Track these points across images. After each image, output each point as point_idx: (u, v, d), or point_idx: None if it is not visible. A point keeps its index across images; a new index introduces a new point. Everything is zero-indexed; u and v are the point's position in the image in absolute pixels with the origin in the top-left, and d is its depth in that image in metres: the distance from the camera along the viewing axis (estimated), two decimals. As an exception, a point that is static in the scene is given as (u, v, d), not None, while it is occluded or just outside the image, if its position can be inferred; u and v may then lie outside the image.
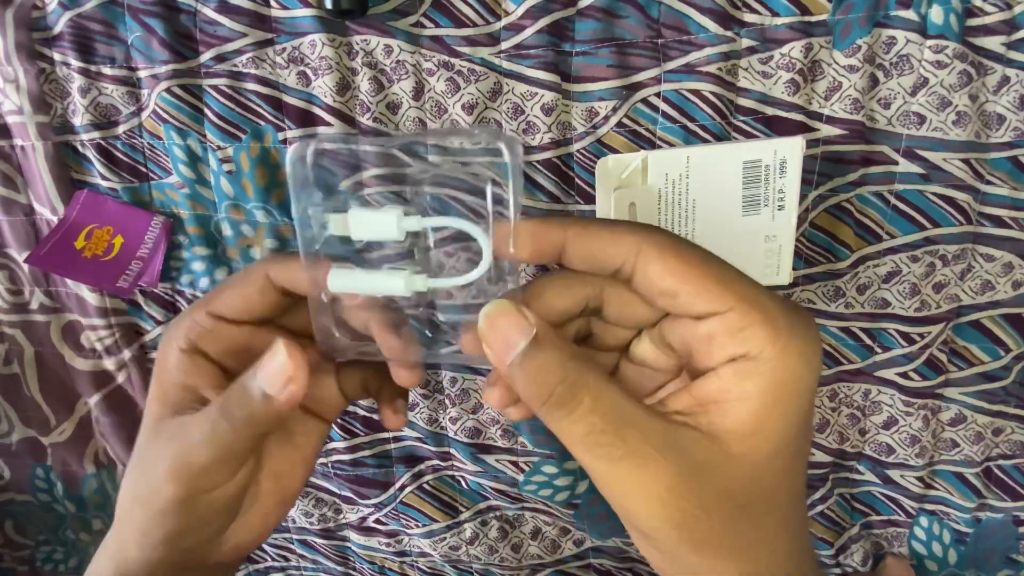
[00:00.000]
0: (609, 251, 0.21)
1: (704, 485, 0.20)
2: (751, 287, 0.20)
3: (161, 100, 0.34)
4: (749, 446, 0.20)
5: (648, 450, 0.19)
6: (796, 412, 0.20)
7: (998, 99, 0.32)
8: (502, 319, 0.21)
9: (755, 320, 0.19)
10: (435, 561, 0.44)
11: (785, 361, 0.19)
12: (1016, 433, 0.37)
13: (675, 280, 0.20)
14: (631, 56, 0.33)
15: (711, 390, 0.20)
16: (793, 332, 0.20)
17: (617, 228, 0.21)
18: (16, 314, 0.40)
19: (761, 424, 0.20)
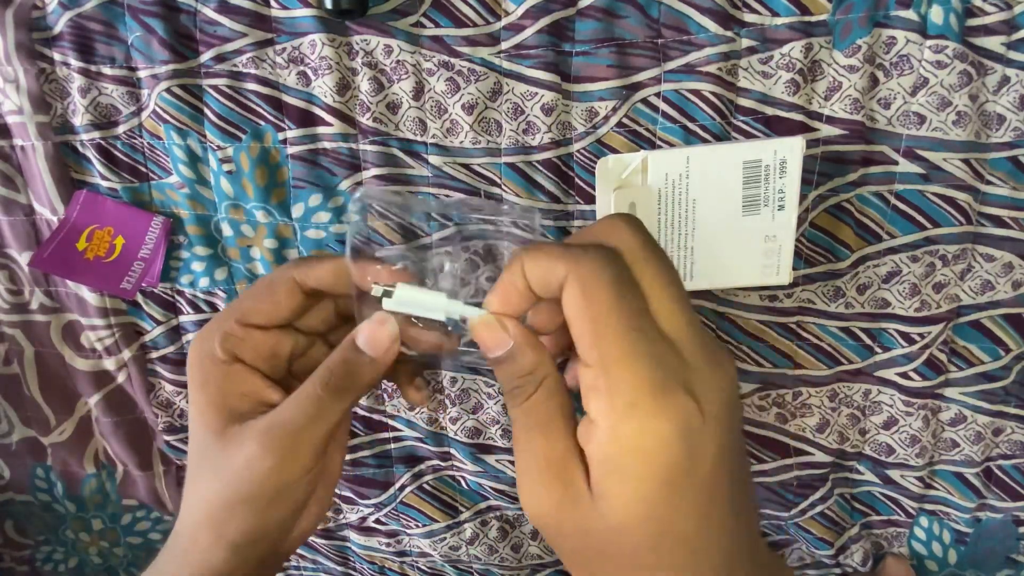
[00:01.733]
0: (547, 277, 0.22)
1: (568, 516, 0.21)
2: (622, 350, 0.20)
3: (161, 100, 0.34)
4: (603, 508, 0.21)
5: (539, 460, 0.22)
6: (640, 493, 0.20)
7: (998, 99, 0.32)
8: (483, 330, 0.23)
9: (601, 386, 0.20)
10: (435, 561, 0.44)
11: (616, 438, 0.20)
12: (1016, 433, 0.37)
13: (571, 314, 0.21)
14: (631, 56, 0.33)
15: (581, 438, 0.22)
16: (629, 415, 0.19)
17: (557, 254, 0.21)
18: (16, 314, 0.40)
19: (605, 492, 0.20)
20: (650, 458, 0.20)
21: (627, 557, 0.21)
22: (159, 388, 0.40)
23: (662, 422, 0.19)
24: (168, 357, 0.40)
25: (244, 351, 0.28)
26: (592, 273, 0.21)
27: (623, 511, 0.20)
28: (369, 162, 0.35)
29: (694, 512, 0.20)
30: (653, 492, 0.20)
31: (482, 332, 0.23)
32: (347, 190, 0.36)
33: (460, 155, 0.35)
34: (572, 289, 0.21)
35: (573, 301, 0.21)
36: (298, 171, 0.35)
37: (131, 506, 0.45)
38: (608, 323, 0.20)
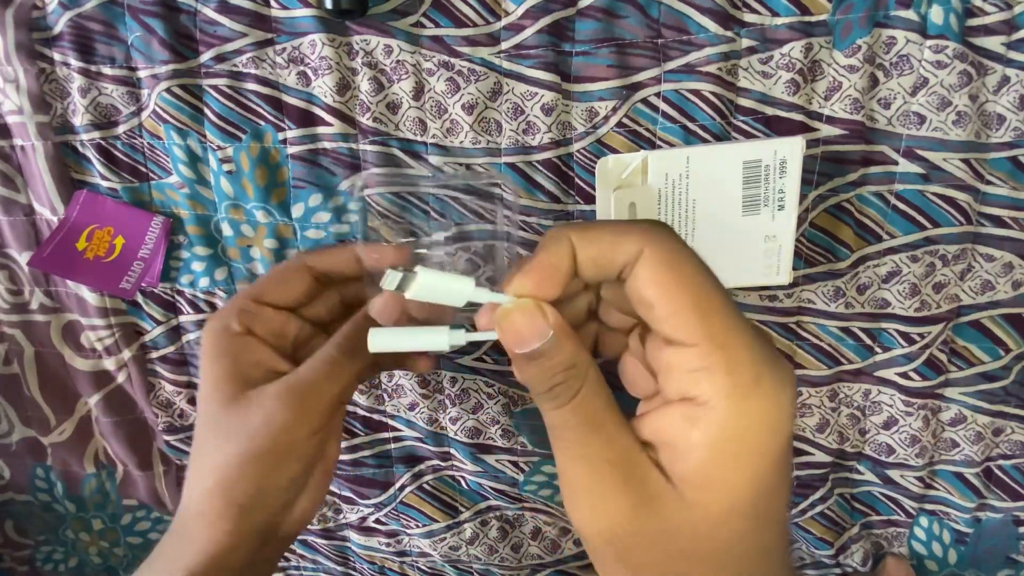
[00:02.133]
0: (613, 254, 0.20)
1: (649, 517, 0.19)
2: (729, 325, 0.19)
3: (161, 100, 0.34)
4: (700, 498, 0.19)
5: (603, 460, 0.19)
6: (751, 475, 0.19)
7: (998, 99, 0.32)
8: (522, 319, 0.20)
9: (715, 364, 0.18)
10: (435, 561, 0.44)
11: (738, 418, 0.18)
12: (1016, 433, 0.37)
13: (655, 292, 0.19)
14: (631, 56, 0.33)
15: (662, 428, 0.19)
16: (755, 388, 0.18)
17: (622, 228, 0.20)
18: (16, 314, 0.40)
19: (710, 478, 0.18)
20: (773, 432, 0.18)
21: (722, 551, 0.19)
22: (159, 388, 0.40)
23: (786, 394, 0.18)
24: (168, 357, 0.40)
25: (256, 325, 0.30)
26: (675, 248, 0.19)
27: (731, 496, 0.19)
28: (369, 162, 0.35)
29: (785, 492, 0.20)
30: (765, 471, 0.19)
31: (517, 321, 0.20)
32: (346, 189, 0.36)
33: (460, 155, 0.35)
34: (654, 265, 0.19)
35: (657, 277, 0.19)
36: (298, 171, 0.35)
37: (131, 506, 0.45)
38: (711, 299, 0.19)
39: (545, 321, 0.20)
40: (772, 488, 0.19)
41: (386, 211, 0.35)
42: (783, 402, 0.18)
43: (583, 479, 0.20)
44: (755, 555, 0.20)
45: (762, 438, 0.18)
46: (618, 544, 0.20)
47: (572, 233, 0.20)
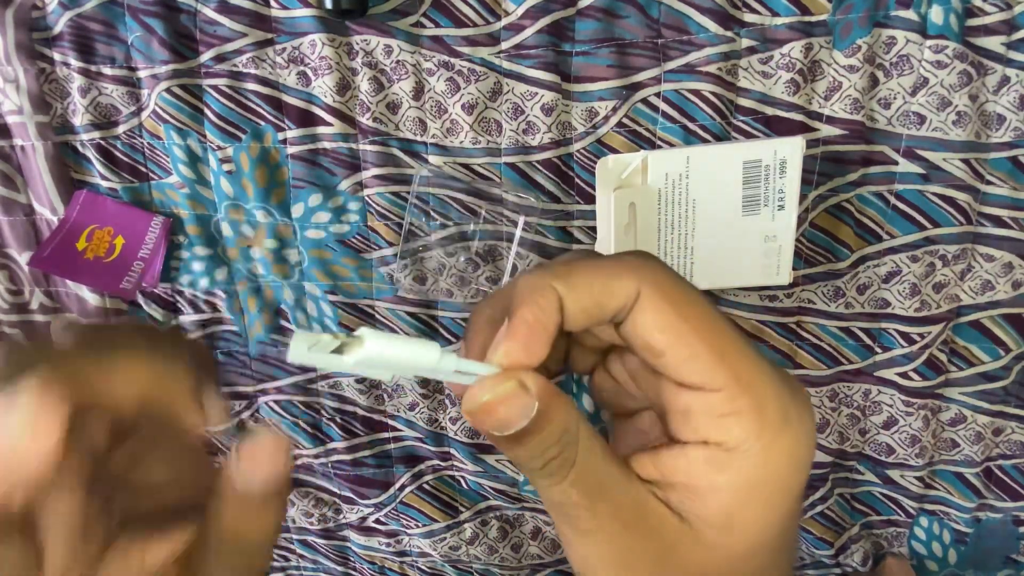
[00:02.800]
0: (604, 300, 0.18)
1: (672, 568, 0.18)
2: (751, 364, 0.18)
3: (161, 100, 0.34)
4: (723, 539, 0.18)
5: (617, 527, 0.18)
6: (778, 512, 0.18)
7: (998, 99, 0.32)
8: (502, 406, 0.17)
9: (743, 408, 0.17)
10: (435, 561, 0.44)
11: (768, 460, 0.17)
12: (1016, 433, 0.37)
13: (665, 338, 0.17)
14: (631, 56, 0.33)
15: (679, 470, 0.18)
16: (784, 427, 0.17)
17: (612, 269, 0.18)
18: (16, 314, 0.40)
19: (734, 521, 0.18)
20: (799, 470, 0.18)
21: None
22: (159, 388, 0.40)
23: (808, 427, 0.18)
24: (168, 357, 0.40)
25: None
26: (673, 284, 0.18)
27: (757, 536, 0.18)
28: (369, 162, 0.35)
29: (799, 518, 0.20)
30: (789, 508, 0.18)
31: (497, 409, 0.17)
32: (347, 190, 0.36)
33: (460, 155, 0.35)
34: (656, 309, 0.17)
35: (663, 322, 0.17)
36: (298, 171, 0.35)
37: (131, 506, 0.45)
38: (725, 338, 0.17)
39: (528, 396, 0.17)
40: (793, 521, 0.19)
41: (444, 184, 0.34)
42: (807, 437, 0.18)
43: (599, 552, 0.18)
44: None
45: (789, 477, 0.18)
46: None
47: (557, 283, 0.18)
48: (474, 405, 0.17)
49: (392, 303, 0.38)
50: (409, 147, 0.35)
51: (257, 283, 0.38)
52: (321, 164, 0.35)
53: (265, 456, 0.19)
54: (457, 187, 0.35)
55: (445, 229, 0.36)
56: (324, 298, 0.38)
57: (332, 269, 0.37)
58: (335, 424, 0.41)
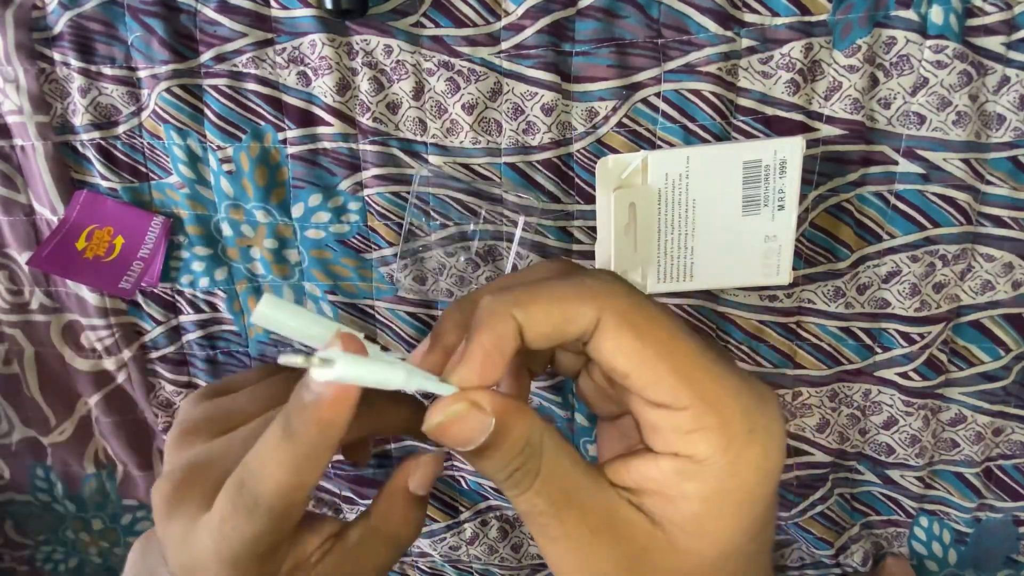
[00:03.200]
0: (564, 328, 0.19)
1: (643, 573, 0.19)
2: (715, 382, 0.18)
3: (161, 100, 0.34)
4: (694, 544, 0.18)
5: (584, 532, 0.19)
6: (747, 519, 0.19)
7: (998, 99, 0.32)
8: (455, 426, 0.18)
9: (708, 424, 0.18)
10: (435, 561, 0.44)
11: (735, 472, 0.18)
12: (1016, 433, 0.37)
13: (627, 362, 0.18)
14: (631, 56, 0.33)
15: (650, 477, 0.19)
16: (750, 440, 0.18)
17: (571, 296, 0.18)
18: (16, 314, 0.40)
19: (704, 527, 0.18)
20: (766, 480, 0.18)
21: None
22: (159, 388, 0.40)
23: (776, 438, 0.19)
24: (168, 357, 0.40)
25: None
26: (632, 307, 0.18)
27: (725, 542, 0.18)
28: (369, 162, 0.35)
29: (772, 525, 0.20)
30: (757, 515, 0.19)
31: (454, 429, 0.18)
32: (347, 190, 0.36)
33: (460, 155, 0.35)
34: (617, 334, 0.18)
35: (624, 347, 0.18)
36: (298, 171, 0.35)
37: (131, 506, 0.45)
38: (688, 357, 0.18)
39: (483, 414, 0.18)
40: (763, 528, 0.19)
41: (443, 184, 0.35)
42: (775, 447, 0.19)
43: (569, 558, 0.19)
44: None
45: (756, 487, 0.18)
46: None
47: (516, 311, 0.18)
48: (430, 426, 0.19)
49: (392, 303, 0.38)
50: (409, 147, 0.35)
51: (257, 283, 0.38)
52: (321, 164, 0.35)
53: (432, 466, 0.25)
54: (457, 187, 0.35)
55: (445, 229, 0.36)
56: (324, 298, 0.38)
57: (332, 269, 0.37)
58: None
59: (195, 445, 0.26)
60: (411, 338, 0.38)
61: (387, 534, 0.26)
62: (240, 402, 0.27)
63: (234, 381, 0.28)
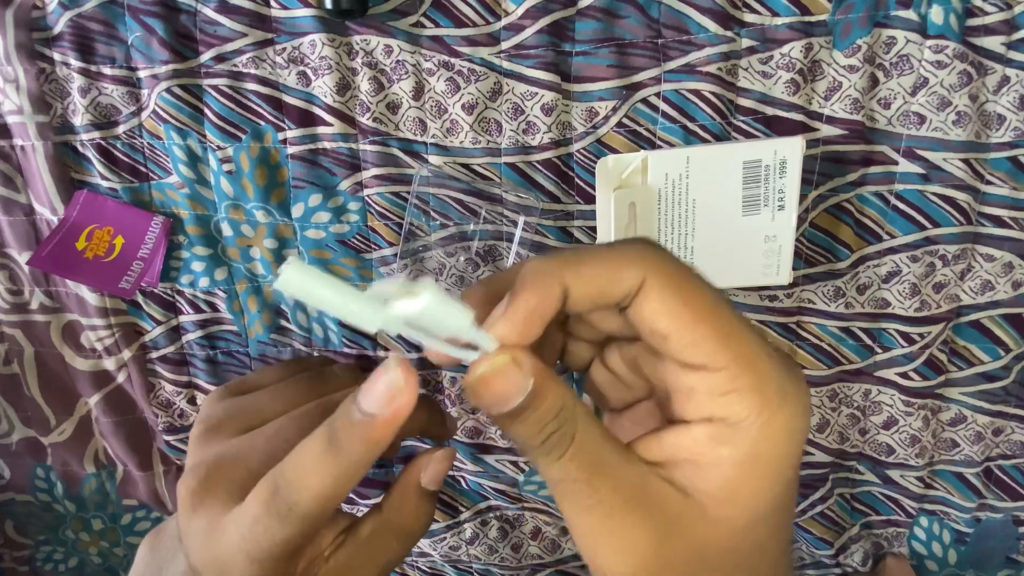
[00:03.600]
0: (610, 288, 0.19)
1: (674, 543, 0.19)
2: (751, 345, 0.18)
3: (161, 100, 0.34)
4: (726, 511, 0.19)
5: (617, 501, 0.19)
6: (778, 484, 0.19)
7: (998, 99, 0.32)
8: (498, 380, 0.18)
9: (744, 386, 0.18)
10: (435, 561, 0.44)
11: (768, 434, 0.18)
12: (1016, 433, 0.37)
13: (670, 323, 0.18)
14: (631, 56, 0.33)
15: (682, 447, 0.19)
16: (783, 403, 0.18)
17: (618, 258, 0.19)
18: (16, 314, 0.40)
19: (737, 492, 0.19)
20: (795, 442, 0.19)
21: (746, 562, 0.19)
22: (159, 388, 0.40)
23: (805, 402, 0.19)
24: (168, 357, 0.40)
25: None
26: (677, 271, 0.19)
27: (756, 507, 0.19)
28: (369, 162, 0.35)
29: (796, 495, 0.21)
30: (787, 479, 0.19)
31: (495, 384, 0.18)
32: (347, 190, 0.36)
33: (460, 155, 0.35)
34: (662, 295, 0.18)
35: (668, 308, 0.18)
36: (298, 171, 0.35)
37: (131, 506, 0.45)
38: (728, 321, 0.18)
39: (522, 373, 0.18)
40: (790, 494, 0.20)
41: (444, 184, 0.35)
42: (803, 412, 0.19)
43: (600, 527, 0.19)
44: (773, 559, 0.20)
45: (787, 450, 0.19)
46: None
47: (565, 271, 0.19)
48: (472, 379, 0.19)
49: (392, 303, 0.38)
50: (409, 147, 0.35)
51: (257, 283, 0.38)
52: (321, 164, 0.35)
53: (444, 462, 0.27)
54: (457, 187, 0.35)
55: (445, 229, 0.36)
56: (324, 298, 0.38)
57: (332, 269, 0.37)
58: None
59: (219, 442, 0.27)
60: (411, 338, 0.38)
61: (398, 528, 0.27)
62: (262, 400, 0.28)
63: (255, 379, 0.29)
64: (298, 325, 0.38)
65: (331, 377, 0.31)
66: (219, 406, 0.28)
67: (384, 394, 0.19)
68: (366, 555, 0.26)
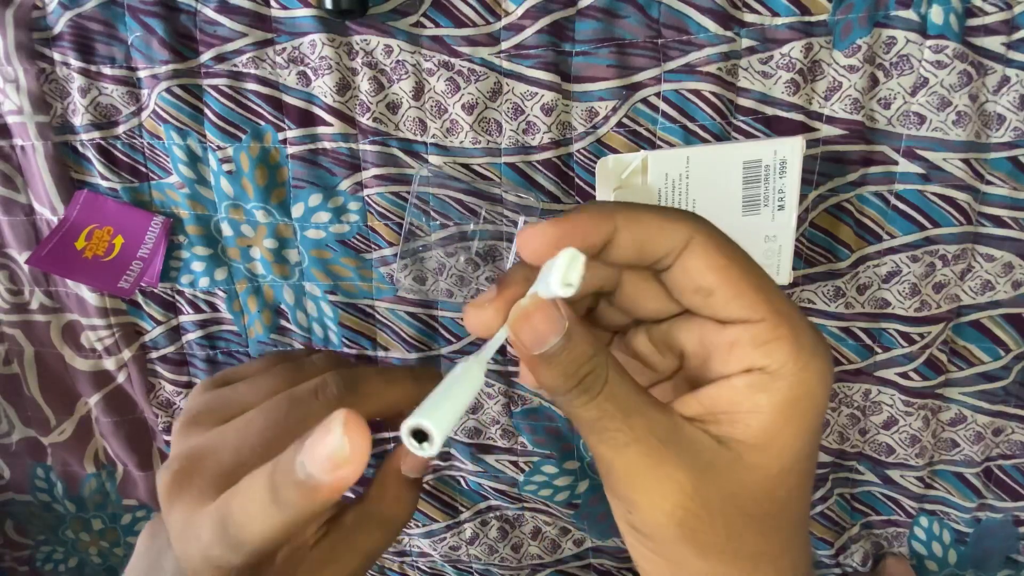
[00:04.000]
0: (659, 239, 0.20)
1: (710, 486, 0.19)
2: (787, 302, 0.20)
3: (161, 100, 0.34)
4: (761, 459, 0.20)
5: (654, 441, 0.19)
6: (809, 430, 0.20)
7: (998, 99, 0.32)
8: (537, 315, 0.19)
9: (783, 335, 0.19)
10: (435, 561, 0.44)
11: (804, 379, 0.19)
12: (1016, 433, 0.37)
13: (716, 278, 0.20)
14: (631, 56, 0.33)
15: (721, 399, 0.20)
16: (815, 351, 0.19)
17: (668, 214, 0.20)
18: (16, 314, 0.40)
19: (773, 438, 0.19)
20: (826, 390, 0.20)
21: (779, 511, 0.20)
22: (159, 388, 0.40)
23: (830, 355, 0.20)
24: (168, 357, 0.40)
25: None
26: (720, 233, 0.20)
27: (790, 454, 0.20)
28: (369, 162, 0.35)
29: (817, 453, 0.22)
30: (817, 427, 0.20)
31: (535, 319, 0.19)
32: (347, 190, 0.36)
33: (460, 155, 0.35)
34: (708, 252, 0.20)
35: (713, 261, 0.20)
36: (298, 171, 0.35)
37: (131, 506, 0.45)
38: (765, 278, 0.20)
39: (560, 313, 0.19)
40: (816, 445, 0.21)
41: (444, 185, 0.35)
42: (831, 363, 0.20)
43: (638, 464, 0.19)
44: (801, 509, 0.21)
45: (819, 396, 0.20)
46: (686, 524, 0.19)
47: (619, 211, 0.20)
48: (516, 314, 0.19)
49: (392, 303, 0.38)
50: (409, 147, 0.35)
51: (257, 283, 0.38)
52: (321, 164, 0.35)
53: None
54: (457, 187, 0.35)
55: (445, 229, 0.36)
56: (324, 298, 0.38)
57: (332, 269, 0.37)
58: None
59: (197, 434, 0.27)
60: (411, 338, 0.38)
61: (382, 516, 0.27)
62: (240, 392, 0.28)
63: (240, 371, 0.29)
64: (298, 325, 0.38)
65: (308, 366, 0.31)
66: (201, 398, 0.28)
67: (327, 460, 0.19)
68: (350, 544, 0.27)
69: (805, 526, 0.22)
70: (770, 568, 0.20)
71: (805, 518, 0.21)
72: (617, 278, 0.22)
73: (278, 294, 0.38)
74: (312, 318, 0.38)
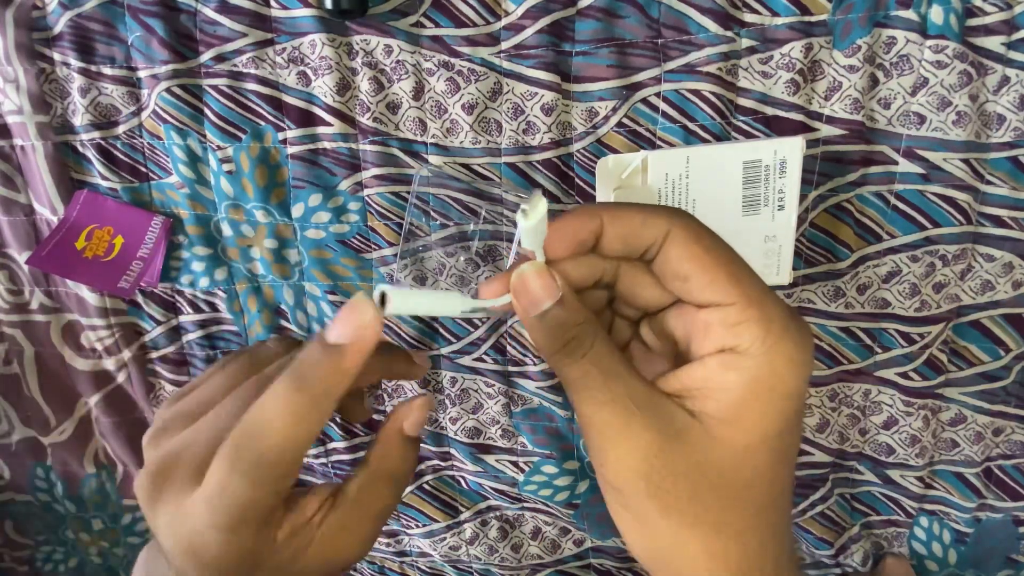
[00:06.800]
0: (641, 232, 0.22)
1: (677, 451, 0.21)
2: (758, 287, 0.21)
3: (161, 100, 0.34)
4: (728, 432, 0.21)
5: (629, 403, 0.21)
6: (777, 411, 0.21)
7: (998, 99, 0.32)
8: (535, 279, 0.22)
9: (751, 317, 0.20)
10: (435, 561, 0.44)
11: (770, 360, 0.20)
12: (1016, 433, 0.37)
13: (691, 266, 0.21)
14: (631, 56, 0.33)
15: (696, 377, 0.21)
16: (785, 335, 0.20)
17: (649, 210, 0.22)
18: (16, 314, 0.40)
19: (741, 415, 0.21)
20: (799, 374, 0.21)
21: (745, 486, 0.21)
22: (159, 388, 0.40)
23: (808, 340, 0.21)
24: (168, 357, 0.40)
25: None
26: (699, 226, 0.22)
27: (757, 430, 0.21)
28: (369, 162, 0.35)
29: (799, 435, 0.22)
30: (789, 409, 0.21)
31: (531, 282, 0.22)
32: (347, 190, 0.36)
33: (460, 155, 0.35)
34: (685, 239, 0.21)
35: (689, 250, 0.21)
36: (298, 171, 0.35)
37: (131, 506, 0.45)
38: (738, 266, 0.21)
39: (554, 282, 0.22)
40: (791, 427, 0.21)
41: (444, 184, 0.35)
42: (806, 347, 0.21)
43: (611, 420, 0.21)
44: (772, 492, 0.22)
45: (789, 379, 0.21)
46: (651, 480, 0.21)
47: (604, 210, 0.22)
48: (515, 276, 0.22)
49: (392, 303, 0.38)
50: (409, 147, 0.35)
51: (257, 283, 0.38)
52: (321, 164, 0.35)
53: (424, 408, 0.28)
54: (457, 187, 0.35)
55: (445, 229, 0.36)
56: (324, 298, 0.38)
57: (332, 269, 0.37)
58: (335, 424, 0.41)
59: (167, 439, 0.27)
60: (411, 338, 0.38)
61: (387, 475, 0.28)
62: (203, 394, 0.29)
63: (196, 380, 0.29)
64: (298, 325, 0.38)
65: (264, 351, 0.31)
66: (166, 412, 0.29)
67: (351, 323, 0.22)
68: (360, 510, 0.27)
69: (780, 511, 0.22)
70: (733, 542, 0.21)
71: (779, 502, 0.22)
72: (615, 271, 0.23)
73: (278, 294, 0.38)
74: (312, 318, 0.38)
